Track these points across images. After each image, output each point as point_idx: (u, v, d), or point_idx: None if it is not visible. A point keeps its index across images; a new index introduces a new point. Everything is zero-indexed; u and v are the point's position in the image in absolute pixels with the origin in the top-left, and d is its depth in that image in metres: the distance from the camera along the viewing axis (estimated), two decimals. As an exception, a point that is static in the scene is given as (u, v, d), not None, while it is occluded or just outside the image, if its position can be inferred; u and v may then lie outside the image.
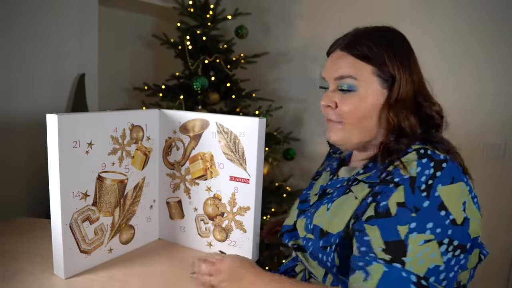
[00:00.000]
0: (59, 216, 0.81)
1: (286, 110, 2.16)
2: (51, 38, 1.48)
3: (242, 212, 0.95)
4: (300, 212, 0.91)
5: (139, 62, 2.17)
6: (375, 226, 0.70)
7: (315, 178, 1.01)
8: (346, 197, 0.79)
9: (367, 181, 0.78)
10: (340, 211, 0.78)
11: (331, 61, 0.84)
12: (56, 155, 0.79)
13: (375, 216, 0.71)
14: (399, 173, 0.71)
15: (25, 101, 1.41)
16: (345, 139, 0.83)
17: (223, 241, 0.99)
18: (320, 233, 0.80)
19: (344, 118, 0.81)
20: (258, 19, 2.13)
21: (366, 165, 0.82)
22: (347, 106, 0.80)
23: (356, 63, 0.80)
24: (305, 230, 0.85)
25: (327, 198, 0.85)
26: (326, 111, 0.84)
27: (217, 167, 0.96)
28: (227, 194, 0.96)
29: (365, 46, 0.79)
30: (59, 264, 0.84)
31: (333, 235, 0.77)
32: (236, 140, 0.93)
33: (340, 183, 0.85)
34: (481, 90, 1.71)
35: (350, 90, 0.80)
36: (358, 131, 0.82)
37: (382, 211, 0.70)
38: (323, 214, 0.82)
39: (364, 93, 0.79)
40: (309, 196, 0.94)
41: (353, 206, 0.76)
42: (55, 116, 0.77)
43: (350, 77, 0.79)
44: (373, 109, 0.80)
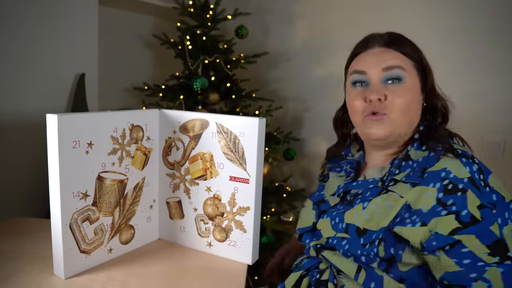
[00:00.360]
0: (59, 216, 0.81)
1: (286, 110, 2.16)
2: (51, 38, 1.48)
3: (242, 212, 0.95)
4: (321, 212, 0.93)
5: (139, 62, 2.17)
6: (472, 235, 0.71)
7: (323, 180, 1.03)
8: (387, 196, 0.81)
9: (407, 181, 0.80)
10: (382, 210, 0.80)
11: (373, 55, 0.87)
12: (56, 155, 0.79)
13: (464, 227, 0.72)
14: (457, 177, 0.75)
15: (25, 101, 1.41)
16: (392, 132, 0.84)
17: (223, 241, 0.99)
18: (357, 232, 0.82)
19: (392, 110, 0.83)
20: (258, 19, 2.13)
21: (399, 164, 0.84)
22: (400, 97, 0.83)
23: (400, 56, 0.85)
24: (334, 229, 0.86)
25: (359, 198, 0.86)
26: (375, 104, 0.84)
27: (217, 167, 0.96)
28: (227, 194, 0.96)
29: (406, 45, 0.87)
30: (59, 264, 0.84)
31: (375, 232, 0.79)
32: (236, 140, 0.93)
33: (372, 183, 0.87)
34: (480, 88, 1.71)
35: (400, 79, 0.83)
36: (405, 121, 0.85)
37: (468, 220, 0.72)
38: (359, 213, 0.83)
39: (409, 84, 0.84)
40: (325, 197, 0.96)
41: (398, 205, 0.79)
42: (55, 116, 0.77)
43: (399, 67, 0.84)
44: (416, 98, 0.86)
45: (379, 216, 0.80)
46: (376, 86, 0.85)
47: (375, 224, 0.80)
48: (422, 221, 0.75)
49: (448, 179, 0.75)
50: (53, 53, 1.50)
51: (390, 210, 0.79)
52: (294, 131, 2.10)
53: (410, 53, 0.86)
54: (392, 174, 0.84)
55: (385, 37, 0.89)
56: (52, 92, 1.52)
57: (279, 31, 2.16)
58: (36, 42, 1.42)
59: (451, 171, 0.76)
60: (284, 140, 1.93)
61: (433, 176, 0.77)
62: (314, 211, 0.95)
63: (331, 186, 0.98)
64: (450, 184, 0.75)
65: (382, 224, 0.79)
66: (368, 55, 0.88)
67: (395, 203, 0.79)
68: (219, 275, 0.91)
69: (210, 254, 1.01)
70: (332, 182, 0.99)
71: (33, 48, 1.42)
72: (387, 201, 0.80)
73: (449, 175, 0.76)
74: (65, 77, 1.57)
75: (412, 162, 0.83)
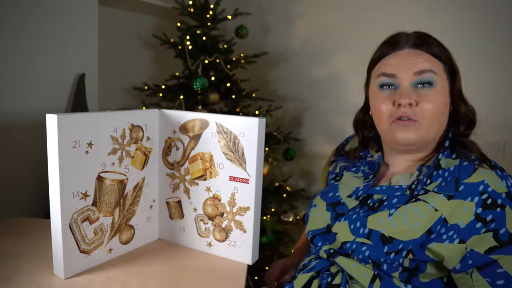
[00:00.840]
0: (59, 216, 0.81)
1: (286, 110, 2.16)
2: (51, 38, 1.48)
3: (242, 212, 0.95)
4: (338, 215, 0.89)
5: (139, 62, 2.17)
6: (510, 256, 0.69)
7: (335, 179, 1.00)
8: (416, 205, 0.78)
9: (440, 192, 0.77)
10: (411, 219, 0.76)
11: (403, 57, 0.83)
12: (56, 155, 0.79)
13: (501, 246, 0.70)
14: (495, 192, 0.72)
15: (25, 101, 1.41)
16: (422, 138, 0.82)
17: (223, 241, 0.99)
18: (382, 239, 0.78)
19: (423, 115, 0.80)
20: (258, 19, 2.13)
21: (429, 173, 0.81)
22: (431, 103, 0.80)
23: (431, 59, 0.82)
24: (354, 233, 0.83)
25: (385, 205, 0.82)
26: (405, 109, 0.80)
27: (217, 167, 0.96)
28: (226, 194, 0.96)
29: (435, 45, 0.84)
30: (59, 264, 0.84)
31: (404, 242, 0.76)
32: (236, 140, 0.92)
33: (400, 191, 0.83)
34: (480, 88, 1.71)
35: (431, 84, 0.81)
36: (435, 127, 0.82)
37: (506, 239, 0.70)
38: (384, 219, 0.80)
39: (440, 88, 0.82)
40: (341, 198, 0.92)
41: (432, 217, 0.75)
42: (55, 116, 0.77)
43: (431, 71, 0.81)
44: (446, 102, 0.84)
45: (409, 226, 0.76)
46: (407, 90, 0.81)
47: (404, 234, 0.76)
48: (460, 237, 0.72)
49: (487, 193, 0.72)
50: (53, 53, 1.50)
51: (422, 222, 0.75)
52: (294, 131, 2.10)
53: (440, 54, 0.83)
54: (422, 183, 0.80)
55: (413, 37, 0.85)
56: (52, 92, 1.52)
57: (279, 31, 2.16)
58: (36, 42, 1.42)
59: (490, 184, 0.73)
60: (284, 140, 1.93)
61: (470, 188, 0.74)
62: (329, 213, 0.91)
63: (347, 186, 0.94)
64: (489, 198, 0.72)
65: (413, 235, 0.75)
66: (397, 57, 0.84)
67: (429, 215, 0.75)
68: (219, 275, 0.91)
69: (210, 254, 1.01)
70: (347, 182, 0.95)
71: (33, 48, 1.42)
72: (417, 209, 0.77)
73: (488, 189, 0.73)
74: (65, 77, 1.57)
75: (443, 171, 0.80)
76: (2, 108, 1.34)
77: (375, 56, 0.90)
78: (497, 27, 1.66)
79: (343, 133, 2.05)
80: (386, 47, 0.87)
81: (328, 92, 2.03)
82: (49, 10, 1.46)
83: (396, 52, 0.85)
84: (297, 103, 2.15)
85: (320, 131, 2.11)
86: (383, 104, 0.84)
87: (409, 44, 0.84)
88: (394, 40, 0.86)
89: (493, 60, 1.68)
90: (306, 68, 2.09)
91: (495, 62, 1.67)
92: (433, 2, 1.75)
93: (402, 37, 0.86)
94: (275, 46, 2.14)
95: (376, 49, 0.90)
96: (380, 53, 0.88)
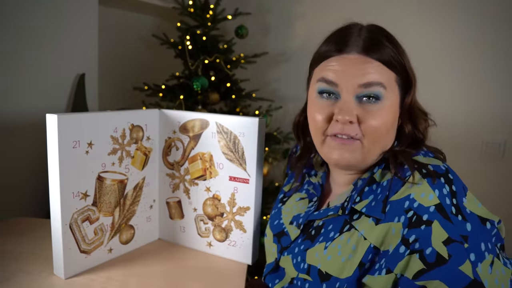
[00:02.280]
0: (59, 216, 0.81)
1: (286, 110, 2.16)
2: (51, 38, 1.48)
3: (242, 212, 0.95)
4: (282, 248, 0.82)
5: (139, 62, 2.17)
6: (437, 281, 0.58)
7: (283, 200, 0.92)
8: (348, 235, 0.69)
9: (370, 215, 0.67)
10: (345, 251, 0.68)
11: (348, 63, 0.70)
12: (56, 155, 0.79)
13: (428, 268, 0.59)
14: (422, 206, 0.61)
15: (25, 101, 1.41)
16: (363, 159, 0.71)
17: (223, 241, 0.99)
18: (319, 275, 0.71)
19: (368, 134, 0.69)
20: (258, 19, 2.13)
21: (361, 189, 0.72)
22: (377, 120, 0.69)
23: (381, 69, 0.69)
24: (296, 269, 0.76)
25: (322, 235, 0.74)
26: (344, 126, 0.69)
27: (217, 167, 0.96)
28: (226, 194, 0.96)
29: (389, 50, 0.70)
30: (59, 264, 0.85)
31: (340, 280, 0.67)
32: (236, 140, 0.92)
33: (333, 211, 0.74)
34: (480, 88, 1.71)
35: (378, 99, 0.69)
36: (379, 147, 0.72)
37: (433, 260, 0.59)
38: (320, 253, 0.72)
39: (389, 104, 0.70)
40: (285, 227, 0.84)
41: (362, 248, 0.66)
42: (55, 116, 0.77)
43: (380, 84, 0.69)
44: (394, 120, 0.72)
45: (342, 259, 0.68)
46: (348, 103, 0.69)
47: (339, 270, 0.68)
48: (387, 266, 0.63)
49: (412, 210, 0.62)
50: (53, 53, 1.50)
51: (354, 254, 0.67)
52: (294, 131, 2.10)
53: (393, 61, 0.70)
54: (352, 200, 0.71)
55: (363, 37, 0.71)
56: (52, 92, 1.52)
57: (279, 31, 2.15)
58: (36, 42, 1.42)
59: (416, 198, 0.62)
60: (284, 140, 1.93)
61: (396, 207, 0.64)
62: (275, 245, 0.84)
63: (289, 211, 0.86)
64: (415, 215, 0.61)
65: (347, 272, 0.67)
66: (342, 62, 0.70)
67: (359, 246, 0.67)
68: (219, 275, 0.91)
69: (210, 254, 1.01)
70: (291, 205, 0.87)
71: (33, 48, 1.42)
72: (349, 239, 0.69)
73: (413, 204, 0.62)
74: (65, 77, 1.57)
75: (376, 186, 0.71)
76: (2, 108, 1.34)
77: (320, 50, 0.76)
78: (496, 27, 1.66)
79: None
80: (332, 45, 0.73)
81: (328, 92, 2.03)
82: (49, 10, 1.46)
83: (342, 55, 0.71)
84: (297, 103, 2.15)
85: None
86: (319, 114, 0.72)
87: (359, 48, 0.70)
88: (342, 39, 0.72)
89: (492, 61, 1.68)
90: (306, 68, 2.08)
91: (494, 62, 1.67)
92: (433, 3, 1.75)
93: (352, 36, 0.71)
94: (275, 46, 2.14)
95: (324, 38, 0.77)
96: (325, 50, 0.74)
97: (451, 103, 1.71)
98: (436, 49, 1.73)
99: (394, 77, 0.71)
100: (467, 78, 1.73)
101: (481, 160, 1.73)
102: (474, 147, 1.73)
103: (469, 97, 1.71)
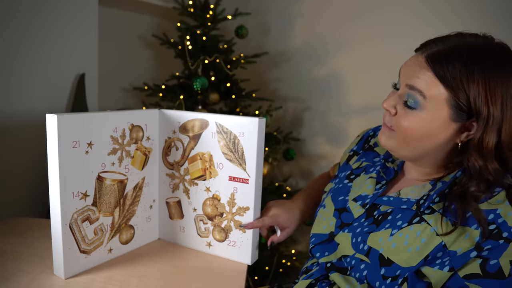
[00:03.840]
0: (59, 216, 0.81)
1: (286, 110, 2.16)
2: (51, 38, 1.48)
3: (242, 212, 0.95)
4: (342, 224, 0.84)
5: (139, 62, 2.17)
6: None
7: (350, 177, 0.93)
8: (419, 227, 0.71)
9: (447, 215, 0.69)
10: (412, 242, 0.70)
11: (411, 62, 0.74)
12: (56, 155, 0.79)
13: (483, 276, 0.63)
14: (506, 224, 0.64)
15: (25, 101, 1.41)
16: (396, 149, 0.77)
17: (222, 241, 0.99)
18: (380, 260, 0.73)
19: (397, 130, 0.75)
20: (258, 19, 2.13)
21: (441, 190, 0.73)
22: (407, 122, 0.72)
23: (433, 81, 0.69)
24: (354, 248, 0.78)
25: (388, 221, 0.76)
26: (385, 114, 0.78)
27: (216, 167, 0.96)
28: (226, 194, 0.96)
29: (455, 69, 0.68)
30: (59, 264, 0.85)
31: (401, 268, 0.70)
32: (236, 140, 0.92)
33: (406, 204, 0.77)
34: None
35: (416, 106, 0.71)
36: (411, 148, 0.75)
37: (493, 271, 0.62)
38: (385, 238, 0.74)
39: (427, 115, 0.71)
40: (348, 204, 0.86)
41: (432, 243, 0.69)
42: (55, 116, 0.77)
43: (420, 93, 0.70)
44: (432, 133, 0.72)
45: (409, 249, 0.70)
46: (395, 96, 0.76)
47: (403, 258, 0.70)
48: (451, 265, 0.66)
49: (495, 224, 0.65)
50: (53, 53, 1.50)
51: (422, 246, 0.69)
52: (294, 131, 2.10)
53: (450, 80, 0.67)
54: (431, 200, 0.73)
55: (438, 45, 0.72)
56: (52, 92, 1.52)
57: (279, 31, 2.16)
58: (36, 42, 1.42)
59: (502, 215, 0.65)
60: (284, 140, 1.93)
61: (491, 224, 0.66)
62: (335, 219, 0.86)
63: (356, 188, 0.88)
64: (497, 229, 0.64)
65: (411, 262, 0.69)
66: (411, 59, 0.75)
67: (430, 241, 0.69)
68: (219, 275, 0.91)
69: (210, 254, 1.01)
70: (359, 183, 0.89)
71: (34, 48, 1.42)
72: (419, 232, 0.71)
73: (498, 220, 0.65)
74: (65, 77, 1.57)
75: None
76: (2, 108, 1.34)
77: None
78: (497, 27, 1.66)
79: (343, 133, 2.06)
80: (421, 45, 0.78)
81: (328, 92, 2.03)
82: (49, 10, 1.46)
83: (417, 53, 0.75)
84: (297, 103, 2.15)
85: (320, 131, 2.11)
86: (384, 102, 0.78)
87: (426, 53, 0.72)
88: (426, 41, 0.77)
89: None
90: (306, 68, 2.09)
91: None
92: (434, 4, 1.75)
93: (431, 42, 0.75)
94: (275, 46, 2.14)
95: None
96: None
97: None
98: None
99: (446, 96, 0.69)
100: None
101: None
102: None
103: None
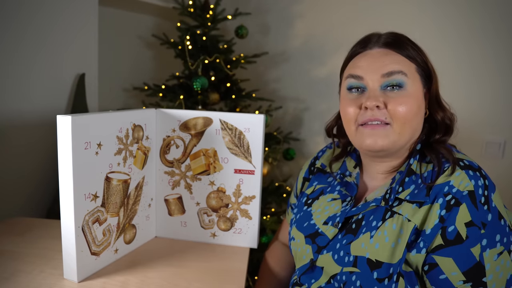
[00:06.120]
0: (72, 219, 0.79)
1: (286, 110, 2.16)
2: (51, 38, 1.47)
3: (248, 201, 1.01)
4: (319, 248, 0.83)
5: (139, 62, 2.16)
6: (450, 259, 0.67)
7: (307, 202, 0.93)
8: (393, 221, 0.74)
9: (413, 200, 0.73)
10: (393, 237, 0.72)
11: (371, 57, 0.79)
12: (70, 157, 0.76)
13: (445, 245, 0.67)
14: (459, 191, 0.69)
15: (25, 101, 1.40)
16: (393, 143, 0.77)
17: (227, 231, 1.03)
18: (369, 264, 0.73)
19: (396, 118, 0.75)
20: (258, 19, 2.13)
21: (401, 180, 0.77)
22: (402, 105, 0.75)
23: (402, 60, 0.78)
24: (339, 263, 0.78)
25: (365, 226, 0.77)
26: (373, 112, 0.76)
27: (221, 162, 1.00)
28: (231, 186, 1.01)
29: (408, 46, 0.79)
30: (71, 267, 0.82)
31: (393, 265, 0.71)
32: (241, 136, 0.98)
33: (374, 202, 0.78)
34: (480, 88, 1.72)
35: (401, 86, 0.76)
36: (409, 131, 0.77)
37: (452, 238, 0.67)
38: (366, 242, 0.75)
39: (412, 90, 0.77)
40: (318, 228, 0.85)
41: (407, 230, 0.71)
42: (69, 117, 0.75)
43: (401, 72, 0.76)
44: (420, 106, 0.78)
45: (392, 244, 0.72)
46: (374, 92, 0.77)
47: (390, 255, 0.71)
48: (427, 245, 0.70)
49: (451, 194, 0.70)
50: (53, 53, 1.49)
51: (402, 237, 0.71)
52: (294, 131, 2.10)
53: (413, 55, 0.78)
54: (395, 191, 0.76)
55: (384, 36, 0.81)
56: (52, 92, 1.51)
57: (279, 31, 2.16)
58: (36, 42, 1.42)
59: (455, 185, 0.70)
60: (284, 140, 1.94)
61: (437, 191, 0.72)
62: (309, 246, 0.85)
63: (321, 211, 0.87)
64: (453, 199, 0.69)
65: (398, 255, 0.71)
66: (366, 58, 0.80)
67: (405, 228, 0.72)
68: (219, 275, 0.91)
69: (211, 252, 1.02)
70: (322, 205, 0.89)
71: (33, 48, 1.41)
72: (395, 225, 0.73)
73: (452, 190, 0.70)
74: (65, 77, 1.57)
75: (416, 177, 0.76)
76: (2, 108, 1.33)
77: (347, 56, 0.87)
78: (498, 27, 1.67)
79: (343, 133, 2.06)
80: (357, 47, 0.84)
81: (328, 92, 2.03)
82: (49, 10, 1.45)
83: (366, 51, 0.81)
84: (297, 103, 2.16)
85: (320, 131, 2.11)
86: (350, 107, 0.79)
87: (379, 43, 0.80)
88: (365, 40, 0.83)
89: (494, 60, 1.68)
90: (306, 68, 2.09)
91: (496, 62, 1.68)
92: (435, 2, 1.76)
93: (373, 37, 0.82)
94: (275, 46, 2.14)
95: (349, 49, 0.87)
96: (351, 53, 0.85)
97: (452, 103, 1.72)
98: (437, 49, 1.73)
99: (415, 68, 0.79)
100: (468, 78, 1.74)
101: (481, 160, 1.72)
102: (474, 147, 1.73)
103: (469, 97, 1.72)
